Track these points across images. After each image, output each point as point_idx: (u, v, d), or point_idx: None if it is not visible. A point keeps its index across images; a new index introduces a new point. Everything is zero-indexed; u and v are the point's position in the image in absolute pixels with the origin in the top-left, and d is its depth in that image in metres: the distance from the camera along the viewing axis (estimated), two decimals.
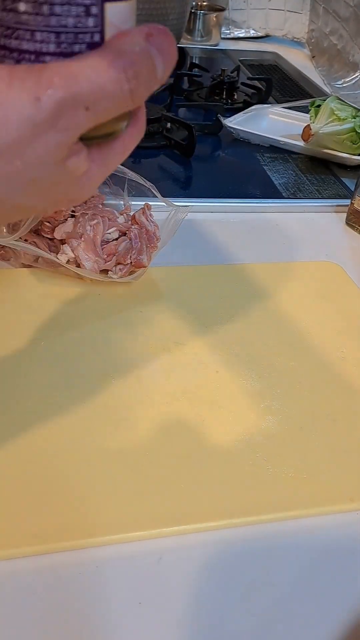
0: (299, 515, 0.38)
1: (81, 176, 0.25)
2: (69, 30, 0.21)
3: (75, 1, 0.21)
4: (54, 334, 0.50)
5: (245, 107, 1.02)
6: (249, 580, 0.34)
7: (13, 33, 0.21)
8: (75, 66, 0.21)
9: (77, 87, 0.21)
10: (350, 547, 0.37)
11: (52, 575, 0.34)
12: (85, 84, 0.21)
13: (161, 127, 0.90)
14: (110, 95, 0.22)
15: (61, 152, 0.23)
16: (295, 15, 1.51)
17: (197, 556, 0.35)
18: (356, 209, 0.71)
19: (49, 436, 0.41)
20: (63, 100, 0.21)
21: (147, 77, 0.23)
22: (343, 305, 0.57)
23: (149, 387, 0.46)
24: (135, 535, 0.36)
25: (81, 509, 0.36)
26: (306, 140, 0.87)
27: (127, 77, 0.22)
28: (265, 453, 0.41)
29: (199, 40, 1.49)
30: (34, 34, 0.21)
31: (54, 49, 0.21)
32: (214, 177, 0.82)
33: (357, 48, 1.23)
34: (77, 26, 0.21)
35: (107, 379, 0.46)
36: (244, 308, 0.55)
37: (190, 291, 0.57)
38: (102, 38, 0.22)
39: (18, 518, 0.35)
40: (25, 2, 0.20)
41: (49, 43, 0.21)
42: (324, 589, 0.34)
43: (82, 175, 0.25)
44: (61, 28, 0.21)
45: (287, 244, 0.68)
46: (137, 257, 0.55)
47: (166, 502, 0.37)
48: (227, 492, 0.38)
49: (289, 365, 0.49)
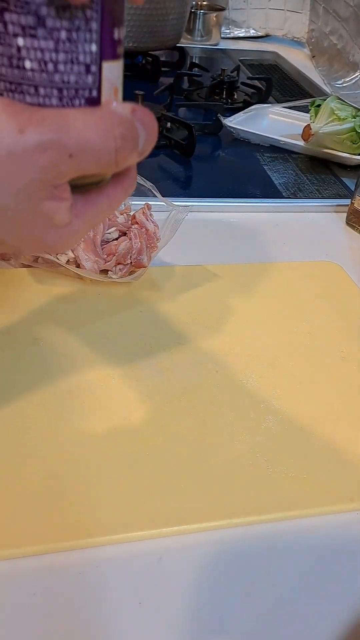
0: (299, 515, 0.38)
1: (61, 227, 0.26)
2: (71, 87, 0.23)
3: (77, 60, 0.22)
4: (54, 334, 0.50)
5: (245, 106, 1.02)
6: (249, 580, 0.34)
7: (17, 88, 0.22)
8: (69, 114, 0.23)
9: (65, 133, 0.22)
10: (350, 547, 0.37)
11: (52, 575, 0.34)
12: (74, 132, 0.23)
13: (161, 127, 0.90)
14: (95, 149, 0.23)
15: (37, 190, 0.24)
16: (295, 15, 1.51)
17: (197, 556, 0.35)
18: (356, 209, 0.71)
19: (49, 436, 0.41)
20: (48, 141, 0.22)
21: (131, 143, 0.24)
22: (343, 305, 0.57)
23: (149, 387, 0.46)
24: (135, 535, 0.36)
25: (81, 509, 0.36)
26: (306, 140, 0.87)
27: (114, 136, 0.23)
28: (266, 453, 0.41)
29: (199, 40, 1.49)
30: (38, 89, 0.22)
31: (55, 102, 0.23)
32: (214, 177, 0.82)
33: (357, 48, 1.23)
34: (78, 82, 0.23)
35: (107, 379, 0.46)
36: (244, 308, 0.55)
37: (190, 291, 0.57)
38: (99, 93, 0.24)
39: (18, 518, 0.35)
40: (32, 60, 0.22)
41: (51, 97, 0.23)
42: (324, 589, 0.34)
43: (63, 227, 0.26)
44: (63, 84, 0.23)
45: (287, 244, 0.68)
46: (137, 257, 0.55)
47: (166, 502, 0.37)
48: (227, 492, 0.38)
49: (289, 365, 0.49)
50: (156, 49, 1.20)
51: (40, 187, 0.24)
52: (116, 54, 0.24)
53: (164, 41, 1.21)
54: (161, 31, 1.18)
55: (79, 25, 0.22)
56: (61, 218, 0.25)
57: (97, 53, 0.23)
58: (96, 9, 0.22)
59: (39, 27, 0.21)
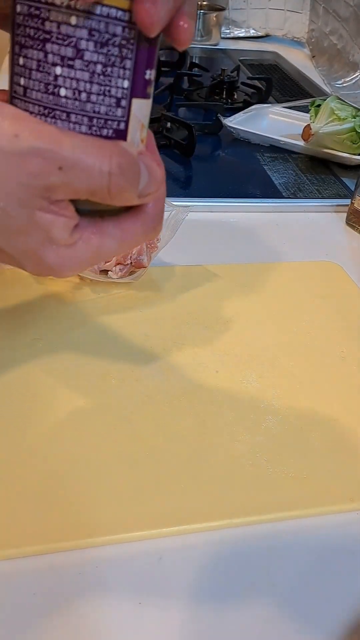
0: (299, 515, 0.38)
1: (63, 246, 0.26)
2: (101, 117, 0.24)
3: (109, 93, 0.24)
4: (53, 334, 0.50)
5: (245, 106, 1.02)
6: (249, 580, 0.34)
7: (50, 112, 0.24)
8: (69, 133, 0.24)
9: (58, 145, 0.23)
10: (350, 547, 0.37)
11: (52, 575, 0.34)
12: (68, 146, 0.23)
13: (161, 126, 0.90)
14: (87, 168, 0.24)
15: (29, 197, 0.24)
16: (295, 15, 1.51)
17: (197, 556, 0.35)
18: (356, 209, 0.71)
19: (48, 436, 0.41)
20: (38, 149, 0.23)
21: (129, 177, 0.25)
22: (343, 305, 0.57)
23: (149, 387, 0.46)
24: (135, 535, 0.36)
25: (81, 509, 0.36)
26: (306, 140, 0.87)
27: (109, 163, 0.24)
28: (265, 453, 0.41)
29: (199, 39, 1.49)
30: (70, 116, 0.24)
31: (85, 130, 0.24)
32: (214, 177, 0.82)
33: (357, 48, 1.23)
34: (108, 114, 0.25)
35: (107, 379, 0.46)
36: (244, 308, 0.56)
37: (190, 291, 0.57)
38: (126, 127, 0.25)
39: (18, 518, 0.35)
40: (67, 89, 0.23)
41: (81, 125, 0.24)
42: (324, 589, 0.34)
43: (65, 245, 0.26)
44: (94, 114, 0.24)
45: (287, 244, 0.68)
46: (137, 257, 0.55)
47: (166, 502, 0.37)
48: (227, 492, 0.38)
49: (289, 365, 0.49)
50: None
51: (31, 194, 0.24)
52: (146, 93, 0.26)
53: (164, 41, 1.20)
54: None
55: (114, 61, 0.24)
56: (58, 234, 0.26)
57: (128, 89, 0.25)
58: (131, 49, 0.24)
59: (77, 59, 0.23)
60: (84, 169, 0.24)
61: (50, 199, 0.25)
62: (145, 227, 0.28)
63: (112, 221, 0.27)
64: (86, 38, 0.23)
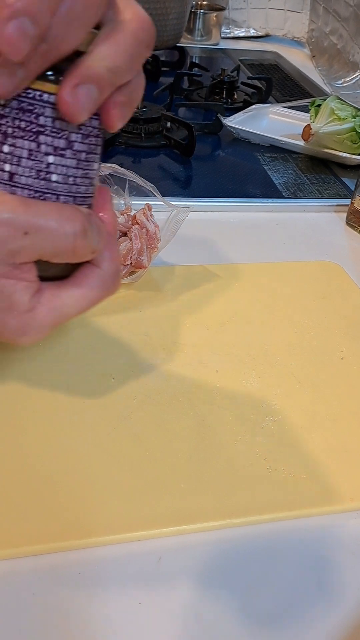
0: (299, 515, 0.38)
1: (24, 312, 0.26)
2: (80, 195, 0.27)
3: (88, 175, 0.27)
4: (53, 334, 0.50)
5: (245, 106, 1.02)
6: (248, 580, 0.34)
7: (41, 196, 0.26)
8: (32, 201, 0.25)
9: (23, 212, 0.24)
10: (351, 547, 0.37)
11: (52, 575, 0.34)
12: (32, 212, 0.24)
13: (161, 126, 0.90)
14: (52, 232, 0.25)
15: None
16: (295, 15, 1.52)
17: (197, 556, 0.35)
18: (356, 209, 0.71)
19: (48, 436, 0.41)
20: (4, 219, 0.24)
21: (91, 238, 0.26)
22: (343, 305, 0.57)
23: (149, 387, 0.46)
24: (135, 535, 0.36)
25: (81, 508, 0.36)
26: (306, 139, 0.87)
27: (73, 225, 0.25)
28: (265, 453, 0.41)
29: (199, 39, 1.49)
30: (59, 198, 0.26)
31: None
32: (214, 177, 0.82)
33: (357, 48, 1.23)
34: (86, 192, 0.27)
35: (107, 379, 0.46)
36: (244, 308, 0.56)
37: (190, 291, 0.57)
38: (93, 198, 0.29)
39: (18, 518, 0.35)
40: (58, 175, 0.26)
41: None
42: (324, 589, 0.34)
43: (25, 311, 0.26)
44: (78, 194, 0.27)
45: (287, 244, 0.68)
46: (138, 257, 0.55)
47: (166, 502, 0.37)
48: (227, 492, 0.38)
49: (289, 365, 0.49)
50: (156, 48, 1.20)
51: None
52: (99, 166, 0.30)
53: (164, 41, 1.21)
54: (161, 31, 1.18)
55: (94, 149, 0.27)
56: (20, 299, 0.26)
57: (98, 169, 0.28)
58: (101, 135, 0.27)
59: (68, 149, 0.26)
60: (50, 233, 0.25)
61: (14, 262, 0.25)
62: (104, 282, 0.29)
63: (72, 282, 0.28)
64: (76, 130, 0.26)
